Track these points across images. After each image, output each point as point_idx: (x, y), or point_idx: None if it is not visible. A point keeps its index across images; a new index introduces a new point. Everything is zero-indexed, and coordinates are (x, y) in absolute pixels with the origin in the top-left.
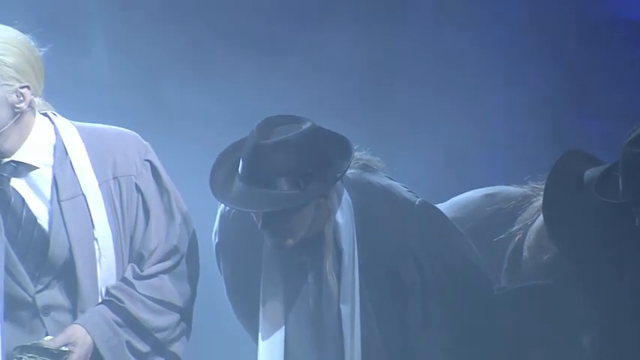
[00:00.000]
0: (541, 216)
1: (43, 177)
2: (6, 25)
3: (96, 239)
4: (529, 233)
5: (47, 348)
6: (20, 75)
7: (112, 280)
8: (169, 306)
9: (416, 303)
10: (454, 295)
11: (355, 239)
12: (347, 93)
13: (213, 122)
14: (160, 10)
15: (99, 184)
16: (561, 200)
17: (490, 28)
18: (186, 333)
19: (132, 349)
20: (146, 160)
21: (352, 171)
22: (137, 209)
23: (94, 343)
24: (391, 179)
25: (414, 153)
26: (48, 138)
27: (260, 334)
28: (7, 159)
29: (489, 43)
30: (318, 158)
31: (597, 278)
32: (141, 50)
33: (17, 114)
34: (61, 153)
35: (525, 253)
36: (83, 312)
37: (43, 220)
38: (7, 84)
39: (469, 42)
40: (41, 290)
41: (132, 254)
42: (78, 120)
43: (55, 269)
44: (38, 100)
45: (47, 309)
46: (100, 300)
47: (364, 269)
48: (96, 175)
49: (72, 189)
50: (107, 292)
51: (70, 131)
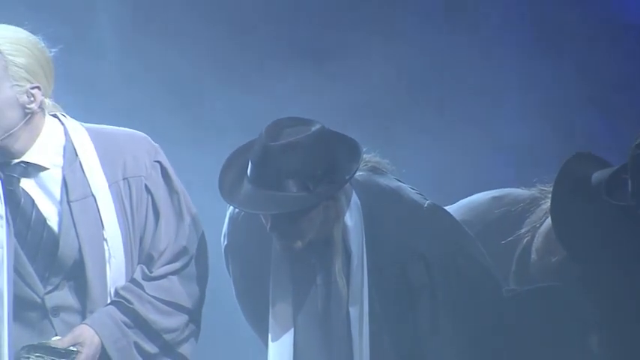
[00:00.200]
0: (549, 218)
1: (53, 178)
2: (16, 27)
3: (105, 240)
4: (537, 236)
5: (55, 348)
6: (31, 76)
7: (122, 281)
8: (178, 307)
9: (425, 305)
10: (463, 297)
11: (364, 241)
12: (351, 93)
13: (222, 124)
14: (178, 16)
15: (108, 185)
16: (569, 203)
17: (501, 30)
18: (194, 334)
19: (140, 350)
20: (156, 162)
21: (361, 173)
22: (147, 210)
23: (102, 344)
24: (400, 181)
25: (422, 155)
26: (58, 139)
27: (270, 336)
28: (17, 160)
29: (500, 44)
30: (326, 160)
31: (605, 280)
32: (156, 55)
33: (28, 115)
34: (71, 154)
35: (533, 256)
36: (92, 313)
37: (53, 221)
38: (18, 84)
39: (480, 43)
40: (50, 291)
41: (141, 255)
42: (88, 122)
43: (65, 270)
44: (48, 101)
45: (56, 310)
46: (109, 301)
47: (373, 271)
48: (106, 176)
49: (81, 190)
50: (116, 293)
51: (80, 132)
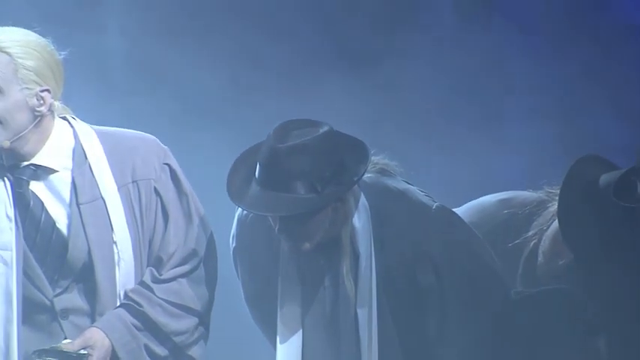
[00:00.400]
0: (556, 221)
1: (62, 180)
2: (26, 29)
3: (115, 243)
4: (544, 238)
5: (66, 351)
6: (40, 79)
7: (131, 284)
8: (187, 310)
9: (433, 307)
10: (471, 299)
11: (372, 243)
12: (357, 94)
13: (231, 125)
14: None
15: (118, 188)
16: (576, 205)
17: (507, 32)
18: (204, 337)
19: (150, 353)
20: (165, 164)
21: (369, 175)
22: (156, 213)
23: (112, 347)
24: (408, 183)
25: (430, 157)
26: (67, 141)
27: (278, 338)
28: (27, 162)
29: (509, 46)
30: (334, 162)
31: (612, 282)
32: (162, 51)
33: (37, 117)
34: (80, 156)
35: (540, 258)
36: (102, 315)
37: (62, 224)
38: (28, 87)
39: (486, 45)
40: (60, 294)
41: (150, 258)
42: (98, 124)
43: (74, 273)
44: (58, 104)
45: (66, 312)
46: (119, 303)
47: (381, 273)
48: (115, 179)
49: (91, 192)
50: (125, 296)
51: (89, 135)
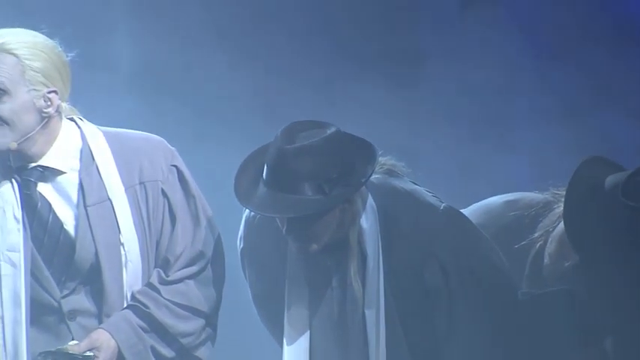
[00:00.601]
0: (562, 222)
1: (70, 182)
2: (34, 31)
3: (122, 244)
4: (550, 239)
5: (71, 353)
6: (48, 80)
7: (138, 285)
8: (195, 311)
9: (441, 308)
10: (479, 299)
11: (380, 244)
12: (363, 95)
13: (239, 126)
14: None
15: (125, 189)
16: (582, 207)
17: (514, 32)
18: (211, 338)
19: (157, 355)
20: (172, 166)
21: (377, 176)
22: (163, 214)
23: (119, 348)
24: (416, 184)
25: (436, 158)
26: (75, 143)
27: (285, 339)
28: (34, 164)
29: (514, 46)
30: (342, 163)
31: (618, 283)
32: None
33: (45, 119)
34: (88, 158)
35: (546, 260)
36: (109, 317)
37: (70, 225)
38: (35, 89)
39: (493, 46)
40: (67, 295)
41: (158, 259)
42: (105, 125)
43: (81, 274)
44: (65, 105)
45: (73, 314)
46: (126, 305)
47: (389, 274)
48: (122, 180)
49: (98, 194)
50: (132, 297)
51: (97, 136)
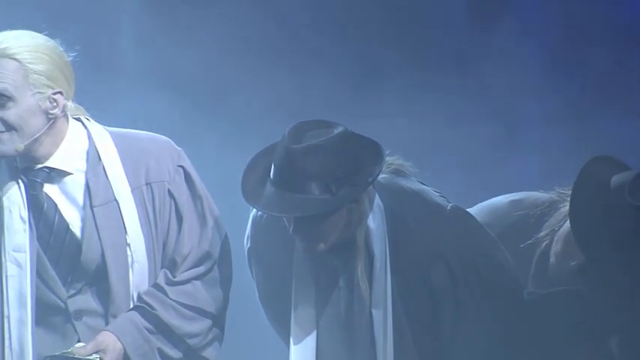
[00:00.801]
0: (568, 222)
1: (76, 183)
2: (34, 32)
3: (128, 245)
4: (556, 239)
5: (77, 357)
6: (51, 81)
7: (145, 286)
8: (201, 312)
9: (448, 307)
10: (485, 299)
11: (387, 244)
12: (368, 94)
13: (246, 126)
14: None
15: (131, 190)
16: (588, 206)
17: (521, 33)
18: (218, 338)
19: (163, 356)
20: (179, 166)
21: (384, 176)
22: (170, 215)
23: (125, 350)
24: (423, 184)
25: (442, 158)
26: (81, 143)
27: (291, 339)
28: (41, 165)
29: (522, 47)
30: (349, 163)
31: (623, 283)
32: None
33: (51, 120)
34: (94, 158)
35: (552, 259)
36: (115, 317)
37: (76, 226)
38: (40, 92)
39: (499, 47)
40: (73, 295)
41: (164, 260)
42: (112, 125)
43: (88, 275)
44: (71, 105)
45: (79, 314)
46: (132, 305)
47: (396, 274)
48: (128, 181)
49: (104, 195)
50: (139, 298)
51: (103, 136)
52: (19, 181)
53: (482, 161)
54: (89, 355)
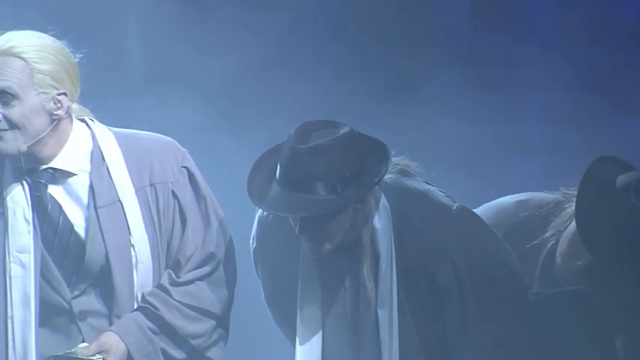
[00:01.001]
0: (573, 222)
1: (80, 183)
2: (41, 33)
3: (132, 246)
4: (562, 239)
5: (80, 357)
6: (57, 82)
7: (149, 286)
8: (205, 313)
9: (453, 307)
10: (491, 299)
11: (393, 244)
12: (370, 94)
13: (251, 126)
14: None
15: (135, 191)
16: (594, 206)
17: (525, 32)
18: (223, 338)
19: (167, 357)
20: (183, 167)
21: (390, 176)
22: (174, 216)
23: (128, 351)
24: (428, 184)
25: (448, 159)
26: (85, 144)
27: (297, 339)
28: (45, 166)
29: (525, 47)
30: (355, 163)
31: (629, 283)
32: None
33: (55, 121)
34: (98, 159)
35: (558, 260)
36: (120, 318)
37: (80, 227)
38: (44, 92)
39: (505, 47)
40: (77, 296)
41: (168, 260)
42: (115, 125)
43: (92, 275)
44: (75, 106)
45: (84, 315)
46: (136, 306)
47: (402, 274)
48: (132, 182)
49: (109, 196)
50: (143, 299)
51: (108, 137)
52: (24, 182)
53: (486, 161)
54: (92, 356)
